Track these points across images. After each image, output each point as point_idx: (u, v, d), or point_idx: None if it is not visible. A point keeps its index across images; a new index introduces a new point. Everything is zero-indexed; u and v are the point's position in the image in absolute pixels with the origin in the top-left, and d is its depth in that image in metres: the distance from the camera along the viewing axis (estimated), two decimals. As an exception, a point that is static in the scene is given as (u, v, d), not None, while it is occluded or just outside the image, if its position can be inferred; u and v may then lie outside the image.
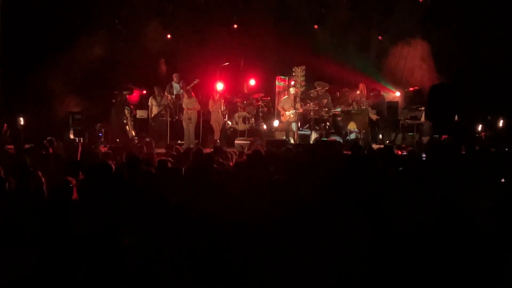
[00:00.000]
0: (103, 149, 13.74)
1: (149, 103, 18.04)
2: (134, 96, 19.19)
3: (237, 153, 10.37)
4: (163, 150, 11.92)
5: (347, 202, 5.54)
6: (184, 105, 17.36)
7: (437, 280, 4.83)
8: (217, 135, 17.28)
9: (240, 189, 6.09)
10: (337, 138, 16.30)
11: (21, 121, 16.45)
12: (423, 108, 16.54)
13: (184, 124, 17.24)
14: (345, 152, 10.69)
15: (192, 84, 17.43)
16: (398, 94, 18.46)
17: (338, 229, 5.00)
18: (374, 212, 5.32)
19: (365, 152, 10.89)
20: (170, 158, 9.25)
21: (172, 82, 18.27)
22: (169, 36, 19.88)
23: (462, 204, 5.45)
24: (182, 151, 10.78)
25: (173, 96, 18.00)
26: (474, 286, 4.80)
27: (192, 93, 17.36)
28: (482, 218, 5.15)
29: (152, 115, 17.92)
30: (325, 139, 15.97)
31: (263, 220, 5.11)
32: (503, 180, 6.77)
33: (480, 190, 5.73)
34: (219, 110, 17.48)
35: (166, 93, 18.02)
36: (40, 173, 6.68)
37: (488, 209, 5.28)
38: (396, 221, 5.22)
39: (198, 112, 17.47)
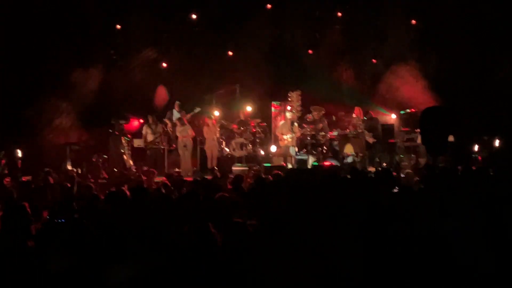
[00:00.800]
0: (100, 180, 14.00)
1: (143, 131, 18.10)
2: (132, 124, 19.34)
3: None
4: (161, 179, 12.07)
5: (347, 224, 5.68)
6: (178, 133, 17.55)
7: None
8: (210, 162, 17.43)
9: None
10: (334, 162, 16.45)
11: (19, 153, 16.56)
12: (419, 130, 16.73)
13: (180, 152, 17.44)
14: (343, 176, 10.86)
15: (193, 113, 17.69)
16: (393, 116, 18.66)
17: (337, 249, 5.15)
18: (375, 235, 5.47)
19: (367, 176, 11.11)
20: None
21: (173, 110, 18.41)
22: (164, 64, 20.14)
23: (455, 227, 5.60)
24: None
25: (174, 123, 18.10)
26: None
27: (185, 120, 17.56)
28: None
29: (144, 144, 18.04)
30: (316, 163, 16.14)
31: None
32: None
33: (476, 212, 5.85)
34: (214, 137, 17.68)
35: (166, 120, 18.18)
36: (27, 206, 6.57)
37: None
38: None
39: (194, 139, 17.65)
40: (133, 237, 5.43)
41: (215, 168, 16.68)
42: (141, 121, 19.28)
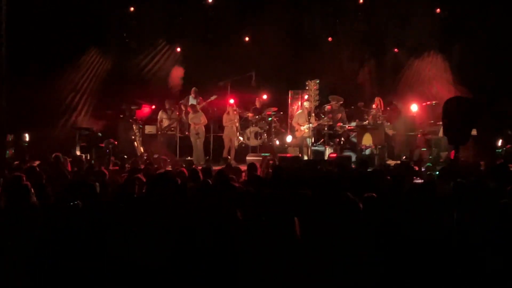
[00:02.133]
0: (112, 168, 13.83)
1: (159, 117, 17.99)
2: (144, 111, 19.23)
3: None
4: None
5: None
6: (189, 120, 17.39)
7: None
8: (226, 151, 17.27)
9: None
10: (352, 154, 16.22)
11: (26, 137, 16.50)
12: (441, 123, 16.41)
13: (192, 139, 17.27)
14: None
15: (209, 100, 17.53)
16: (415, 108, 18.31)
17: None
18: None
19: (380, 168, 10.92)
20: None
21: (190, 96, 18.21)
22: (178, 49, 19.98)
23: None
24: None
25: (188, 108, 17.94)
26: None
27: (198, 108, 17.39)
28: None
29: (159, 129, 17.91)
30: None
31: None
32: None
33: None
34: (233, 125, 17.50)
35: (181, 106, 18.02)
36: (32, 190, 6.62)
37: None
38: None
39: (207, 127, 17.50)
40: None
41: (229, 157, 16.61)
42: (153, 107, 19.16)
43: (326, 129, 17.32)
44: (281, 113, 18.85)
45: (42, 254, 5.11)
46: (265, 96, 19.10)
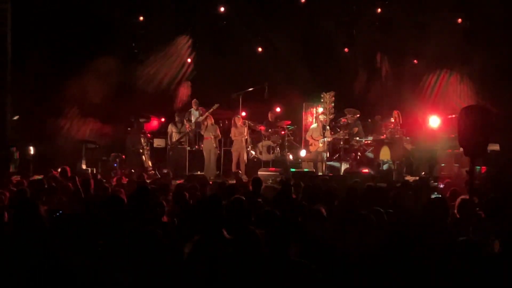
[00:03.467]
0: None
1: (169, 130, 17.67)
2: (152, 124, 19.04)
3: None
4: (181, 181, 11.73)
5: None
6: (204, 133, 17.11)
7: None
8: (234, 166, 16.95)
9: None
10: (369, 170, 15.89)
11: (31, 150, 16.34)
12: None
13: (205, 153, 16.96)
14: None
15: (212, 109, 17.17)
16: (436, 122, 17.96)
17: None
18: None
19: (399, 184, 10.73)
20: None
21: (191, 109, 17.97)
22: (189, 60, 19.77)
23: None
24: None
25: (192, 124, 17.72)
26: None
27: (212, 120, 17.12)
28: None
29: (171, 143, 17.66)
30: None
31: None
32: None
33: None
34: (242, 138, 17.19)
35: (185, 121, 17.79)
36: (41, 206, 6.52)
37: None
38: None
39: (219, 140, 17.23)
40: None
41: (239, 171, 16.29)
42: (163, 120, 18.96)
43: (341, 143, 17.02)
44: (295, 126, 18.57)
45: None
46: (278, 109, 18.89)
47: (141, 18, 19.04)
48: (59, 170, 11.83)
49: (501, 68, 17.14)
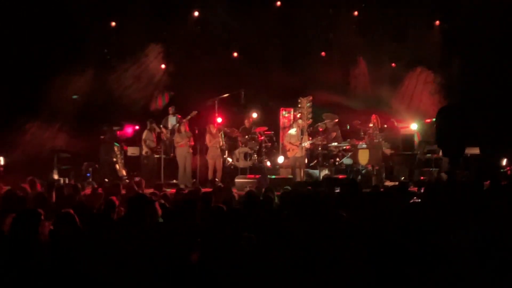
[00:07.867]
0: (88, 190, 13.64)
1: (144, 137, 17.62)
2: (126, 132, 19.09)
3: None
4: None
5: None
6: (177, 141, 17.18)
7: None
8: (211, 173, 17.06)
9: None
10: (347, 175, 16.13)
11: (1, 160, 16.35)
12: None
13: (180, 161, 17.01)
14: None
15: (190, 116, 17.25)
16: (414, 126, 18.25)
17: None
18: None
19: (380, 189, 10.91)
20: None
21: (168, 116, 18.09)
22: (163, 66, 19.87)
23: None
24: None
25: (168, 131, 17.81)
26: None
27: (187, 127, 17.21)
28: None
29: (145, 151, 17.67)
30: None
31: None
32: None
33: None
34: (218, 145, 17.32)
35: (161, 127, 17.88)
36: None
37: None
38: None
39: (194, 148, 17.33)
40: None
41: (216, 179, 16.43)
42: (137, 128, 19.01)
43: (320, 149, 17.21)
44: (272, 132, 18.70)
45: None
46: (255, 115, 18.95)
47: (113, 23, 19.09)
48: (28, 180, 11.84)
49: (479, 69, 17.50)
